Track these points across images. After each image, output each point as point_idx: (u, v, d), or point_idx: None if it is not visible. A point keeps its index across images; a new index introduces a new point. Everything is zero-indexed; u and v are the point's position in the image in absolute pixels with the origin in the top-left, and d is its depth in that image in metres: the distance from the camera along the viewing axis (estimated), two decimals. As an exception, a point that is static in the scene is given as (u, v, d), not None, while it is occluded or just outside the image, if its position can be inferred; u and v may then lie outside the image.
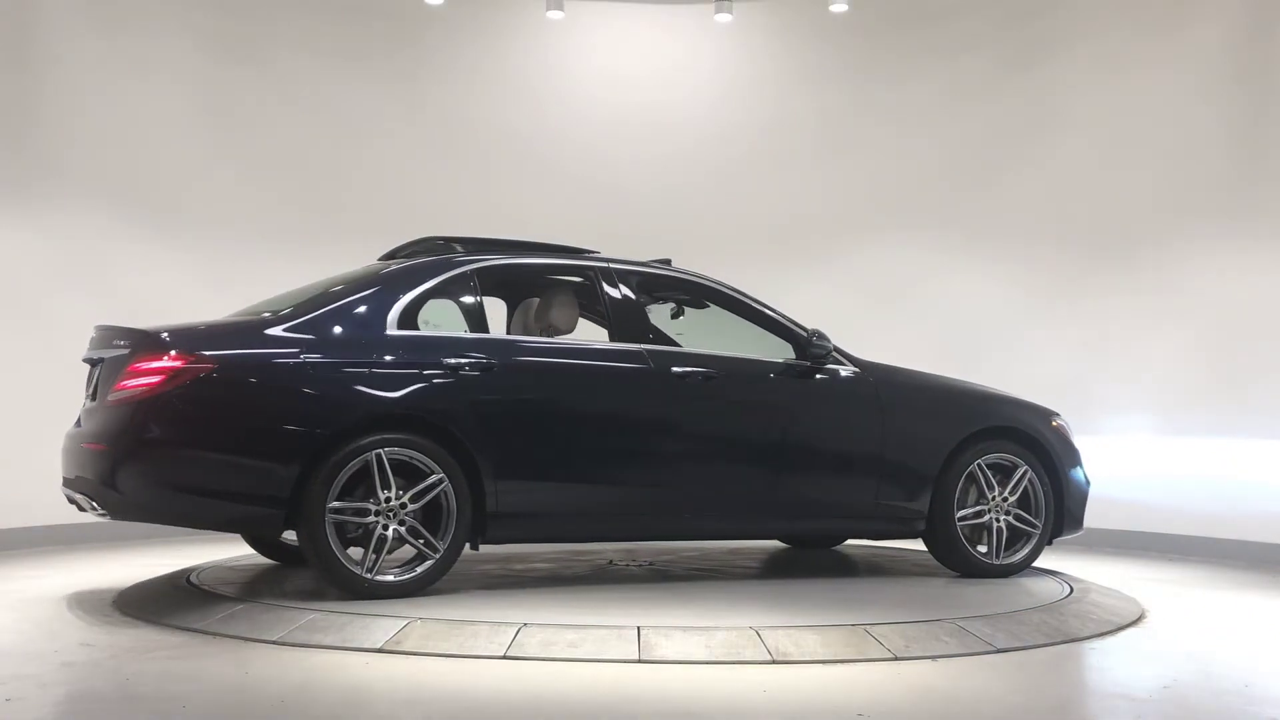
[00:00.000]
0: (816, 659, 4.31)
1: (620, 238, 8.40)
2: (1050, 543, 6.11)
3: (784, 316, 5.94)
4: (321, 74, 8.92)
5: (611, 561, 6.34)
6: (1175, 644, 4.88)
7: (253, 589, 5.39)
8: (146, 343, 5.08)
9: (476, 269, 5.60)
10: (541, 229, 8.83)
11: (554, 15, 8.97)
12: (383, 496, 5.01)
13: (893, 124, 8.99)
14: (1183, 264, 7.98)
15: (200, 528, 5.49)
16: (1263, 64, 7.75)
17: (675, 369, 5.57)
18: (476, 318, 5.67)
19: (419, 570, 5.10)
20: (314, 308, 5.27)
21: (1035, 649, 4.60)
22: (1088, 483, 6.26)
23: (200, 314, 8.37)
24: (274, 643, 4.53)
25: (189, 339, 5.12)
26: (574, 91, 9.38)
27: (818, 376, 5.81)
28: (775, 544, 7.05)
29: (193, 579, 5.66)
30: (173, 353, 4.99)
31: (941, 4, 8.95)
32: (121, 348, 5.16)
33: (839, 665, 4.27)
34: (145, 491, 5.02)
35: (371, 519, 5.00)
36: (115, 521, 5.27)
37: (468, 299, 5.68)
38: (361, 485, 5.04)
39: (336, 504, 4.96)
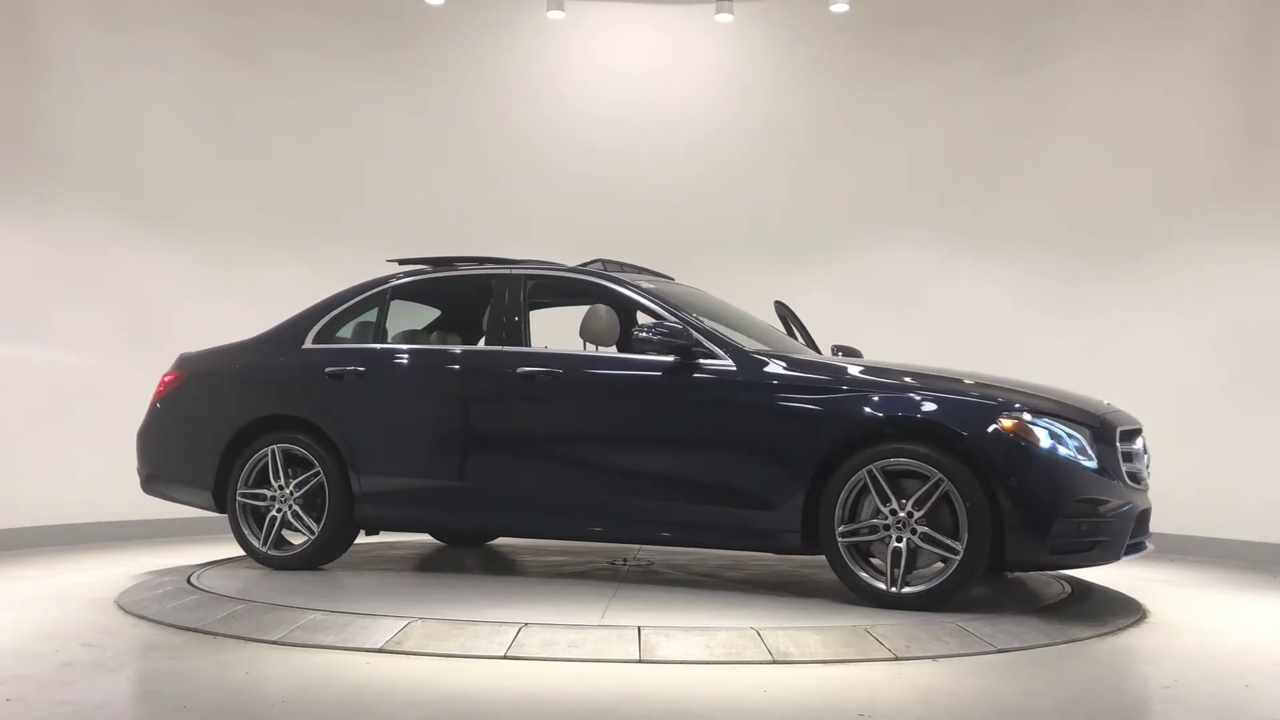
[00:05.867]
0: (817, 659, 4.31)
1: (619, 237, 8.42)
2: (1007, 574, 5.23)
3: (672, 311, 5.56)
4: (323, 74, 8.92)
5: (612, 562, 6.35)
6: (1175, 644, 4.87)
7: (254, 589, 5.40)
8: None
9: (392, 287, 6.27)
10: (541, 228, 8.90)
11: (554, 15, 8.97)
12: (275, 485, 6.01)
13: (893, 124, 8.98)
14: (1184, 263, 7.97)
15: (179, 503, 6.53)
16: (1261, 64, 7.75)
17: (520, 369, 5.64)
18: (384, 329, 6.25)
19: (301, 549, 5.99)
20: (276, 327, 6.40)
21: (1036, 649, 4.59)
22: (1071, 498, 4.93)
23: (201, 317, 8.42)
24: (275, 643, 4.54)
25: (186, 357, 6.58)
26: (574, 91, 9.38)
27: (690, 374, 5.37)
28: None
29: (194, 579, 5.68)
30: (170, 368, 6.57)
31: (941, 4, 8.94)
32: None
33: (840, 665, 4.27)
34: (147, 473, 6.52)
35: (266, 504, 6.02)
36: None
37: (380, 313, 6.26)
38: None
39: (243, 490, 6.06)
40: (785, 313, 6.52)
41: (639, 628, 4.49)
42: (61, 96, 7.86)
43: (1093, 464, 5.03)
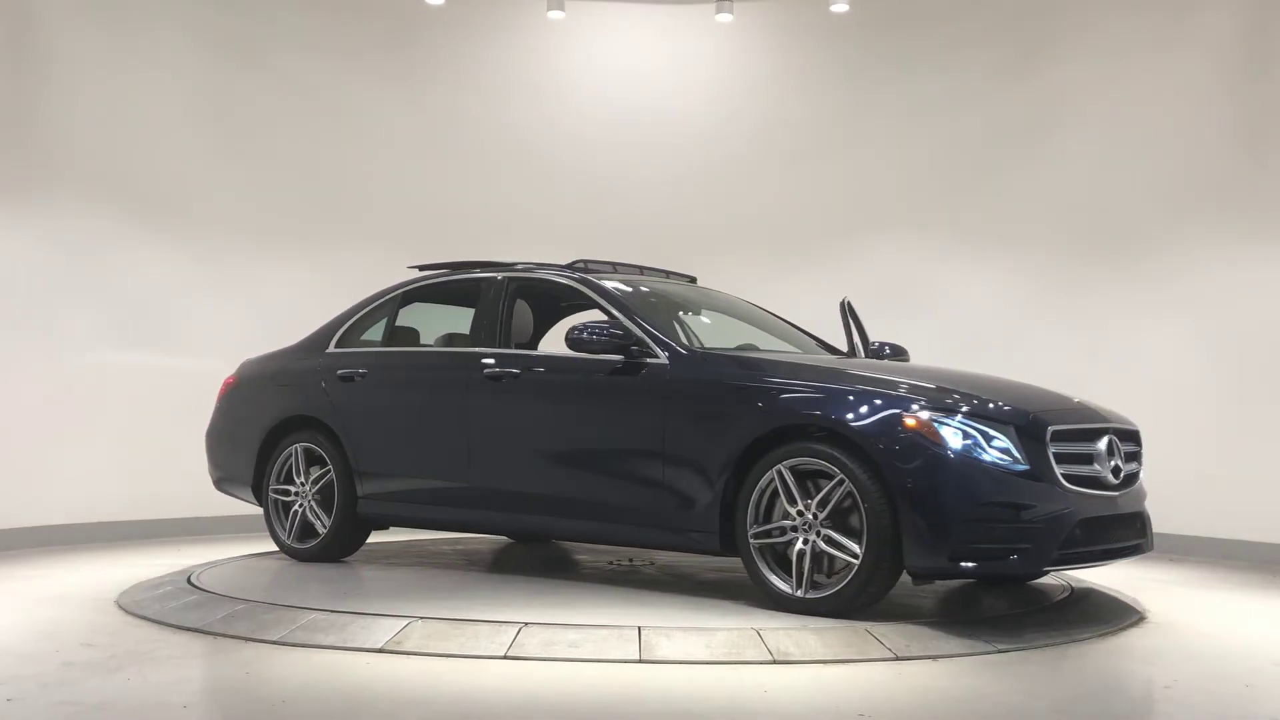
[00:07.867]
0: (817, 659, 4.31)
1: (619, 236, 8.43)
2: (927, 580, 4.89)
3: (625, 314, 5.51)
4: (322, 74, 8.92)
5: (612, 562, 6.35)
6: (1175, 644, 4.87)
7: (254, 589, 5.40)
8: None
9: (403, 291, 6.47)
10: (541, 227, 8.90)
11: (554, 15, 8.96)
12: (298, 482, 6.35)
13: (893, 123, 8.98)
14: (1183, 265, 7.97)
15: (244, 501, 6.77)
16: (1263, 64, 7.75)
17: (485, 370, 5.76)
18: (396, 331, 6.45)
19: (316, 543, 6.29)
20: (312, 333, 6.67)
21: (1036, 649, 4.60)
22: (979, 501, 4.59)
23: (201, 317, 8.41)
24: (275, 643, 4.54)
25: (244, 362, 6.90)
26: (574, 91, 9.39)
27: (633, 374, 5.31)
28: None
29: (194, 579, 5.68)
30: (232, 373, 6.92)
31: (942, 4, 8.94)
32: None
33: (840, 665, 4.27)
34: (216, 475, 6.88)
35: (291, 499, 6.40)
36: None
37: (391, 318, 6.47)
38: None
39: (274, 485, 6.44)
40: (845, 312, 6.44)
41: (639, 628, 4.49)
42: (61, 96, 7.85)
43: (1021, 466, 4.68)
